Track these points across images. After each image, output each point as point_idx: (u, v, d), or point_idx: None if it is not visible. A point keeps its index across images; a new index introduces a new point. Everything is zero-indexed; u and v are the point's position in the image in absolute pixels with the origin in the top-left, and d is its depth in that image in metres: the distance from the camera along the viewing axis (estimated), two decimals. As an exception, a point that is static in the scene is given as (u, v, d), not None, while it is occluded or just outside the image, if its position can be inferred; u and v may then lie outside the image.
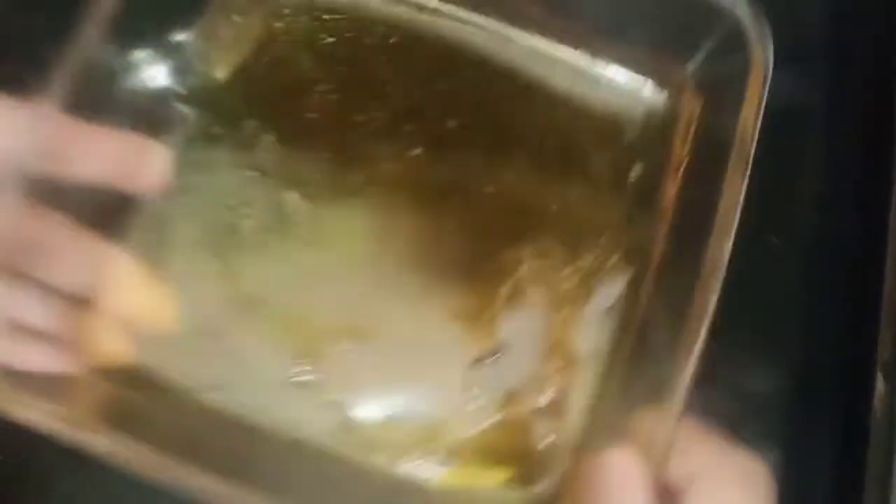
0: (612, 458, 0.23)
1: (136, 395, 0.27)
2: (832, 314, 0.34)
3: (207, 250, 0.30)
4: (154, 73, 0.30)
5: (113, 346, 0.27)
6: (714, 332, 0.25)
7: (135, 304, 0.28)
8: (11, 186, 0.25)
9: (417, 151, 0.31)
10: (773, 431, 0.32)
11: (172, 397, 0.28)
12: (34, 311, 0.25)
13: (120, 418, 0.25)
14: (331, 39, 0.32)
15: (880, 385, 0.32)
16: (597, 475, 0.23)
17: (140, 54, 0.29)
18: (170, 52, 0.30)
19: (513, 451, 0.29)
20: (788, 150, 0.33)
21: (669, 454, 0.23)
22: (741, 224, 0.28)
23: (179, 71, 0.31)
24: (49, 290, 0.26)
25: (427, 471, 0.28)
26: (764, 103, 0.27)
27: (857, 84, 0.36)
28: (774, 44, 0.28)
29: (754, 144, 0.27)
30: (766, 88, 0.27)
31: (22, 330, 0.25)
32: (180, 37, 0.31)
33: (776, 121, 0.28)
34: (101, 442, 0.23)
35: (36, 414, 0.23)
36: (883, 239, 0.32)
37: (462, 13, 0.33)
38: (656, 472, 0.23)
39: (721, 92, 0.29)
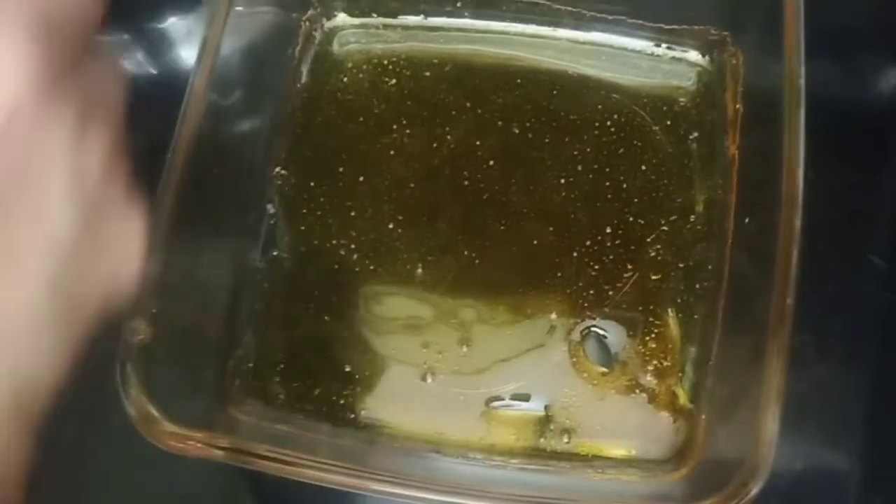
0: None
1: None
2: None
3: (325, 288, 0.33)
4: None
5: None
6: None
7: None
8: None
9: (491, 162, 0.34)
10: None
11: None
12: None
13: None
14: (393, 81, 0.36)
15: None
16: None
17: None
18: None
19: (628, 423, 0.31)
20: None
21: None
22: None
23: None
24: None
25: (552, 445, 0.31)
26: (803, 42, 0.28)
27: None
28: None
29: (803, 82, 0.28)
30: (802, 27, 0.28)
31: None
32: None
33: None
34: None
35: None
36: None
37: (503, 25, 0.35)
38: None
39: (758, 42, 0.30)
